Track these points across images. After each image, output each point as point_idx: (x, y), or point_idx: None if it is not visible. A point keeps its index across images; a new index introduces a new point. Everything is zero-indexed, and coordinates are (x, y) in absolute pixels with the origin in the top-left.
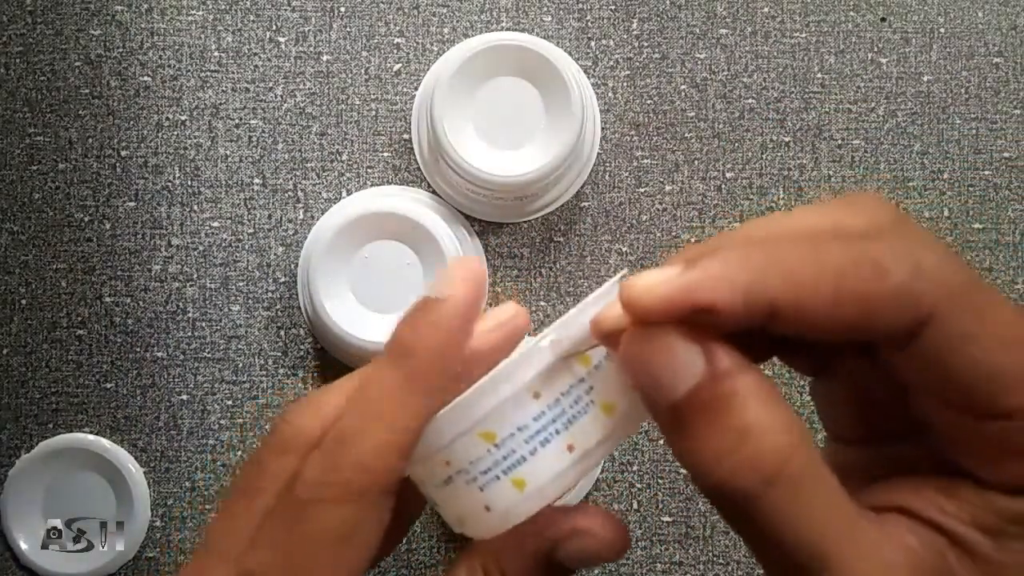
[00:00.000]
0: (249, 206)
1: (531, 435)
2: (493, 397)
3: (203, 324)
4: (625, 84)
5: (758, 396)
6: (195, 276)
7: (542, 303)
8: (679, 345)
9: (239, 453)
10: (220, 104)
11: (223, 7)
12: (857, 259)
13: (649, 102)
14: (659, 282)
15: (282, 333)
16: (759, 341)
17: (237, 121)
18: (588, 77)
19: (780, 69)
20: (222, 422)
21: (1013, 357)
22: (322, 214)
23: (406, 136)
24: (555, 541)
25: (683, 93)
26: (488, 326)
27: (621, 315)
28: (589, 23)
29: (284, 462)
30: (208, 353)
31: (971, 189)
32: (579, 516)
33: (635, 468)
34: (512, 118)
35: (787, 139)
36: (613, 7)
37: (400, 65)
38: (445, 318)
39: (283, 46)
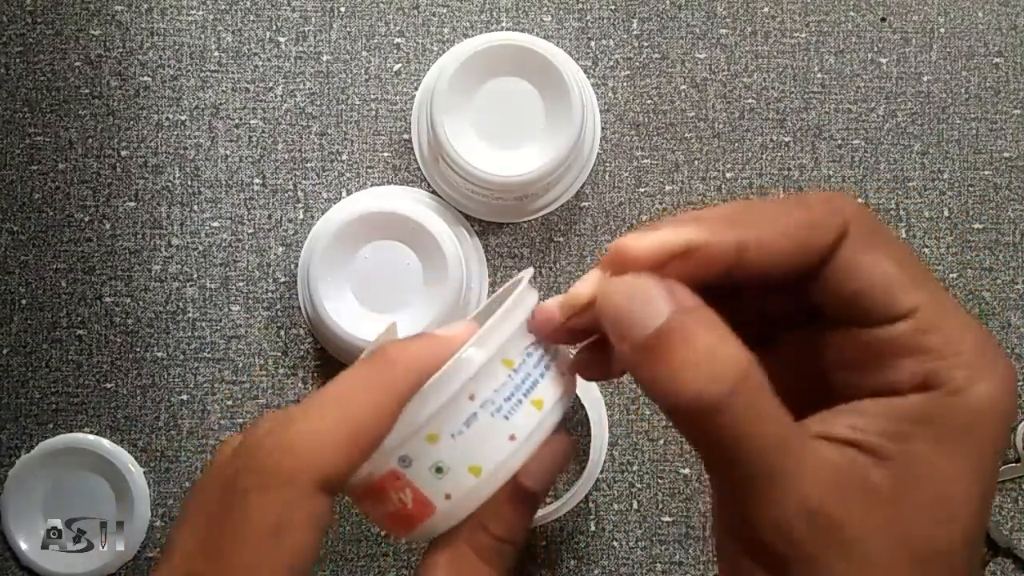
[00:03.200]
0: (249, 206)
1: (536, 361)
2: (506, 328)
3: (203, 324)
4: (625, 84)
5: (717, 326)
6: (195, 276)
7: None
8: (652, 286)
9: None
10: (220, 104)
11: (223, 7)
12: (787, 203)
13: (649, 102)
14: (646, 235)
15: (282, 333)
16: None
17: (237, 121)
18: (588, 77)
19: (780, 69)
20: (222, 422)
21: (905, 269)
22: (322, 214)
23: (406, 136)
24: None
25: (683, 93)
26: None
27: (595, 284)
28: (589, 23)
29: (281, 499)
30: (208, 353)
31: (971, 189)
32: None
33: (635, 468)
34: (512, 118)
35: (787, 139)
36: (613, 7)
37: (400, 65)
38: (437, 347)
39: (283, 46)
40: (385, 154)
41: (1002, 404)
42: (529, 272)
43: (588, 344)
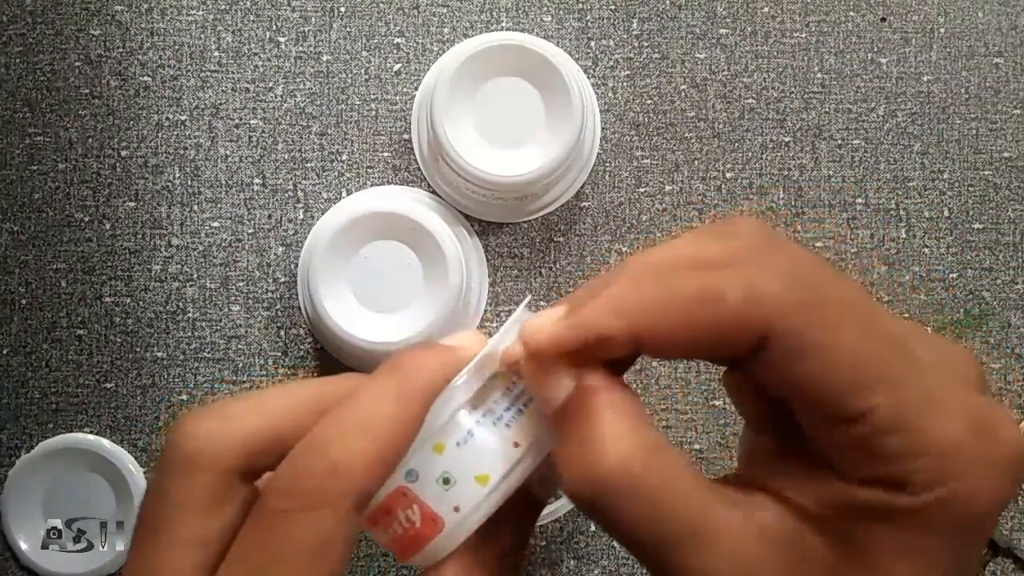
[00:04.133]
0: (249, 206)
1: None
2: (505, 344)
3: (203, 324)
4: (625, 84)
5: (613, 410)
6: (195, 276)
7: (542, 303)
8: (555, 370)
9: None
10: (220, 104)
11: (223, 7)
12: (702, 289)
13: (649, 102)
14: (544, 326)
15: (282, 333)
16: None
17: (237, 121)
18: (588, 77)
19: (780, 69)
20: None
21: (856, 363)
22: (322, 214)
23: (406, 136)
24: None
25: (683, 93)
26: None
27: (519, 350)
28: (589, 23)
29: (195, 483)
30: (208, 353)
31: (971, 189)
32: None
33: None
34: (512, 118)
35: (787, 139)
36: (613, 7)
37: (400, 65)
38: (451, 358)
39: (283, 46)
40: (385, 154)
41: (974, 506)
42: (528, 298)
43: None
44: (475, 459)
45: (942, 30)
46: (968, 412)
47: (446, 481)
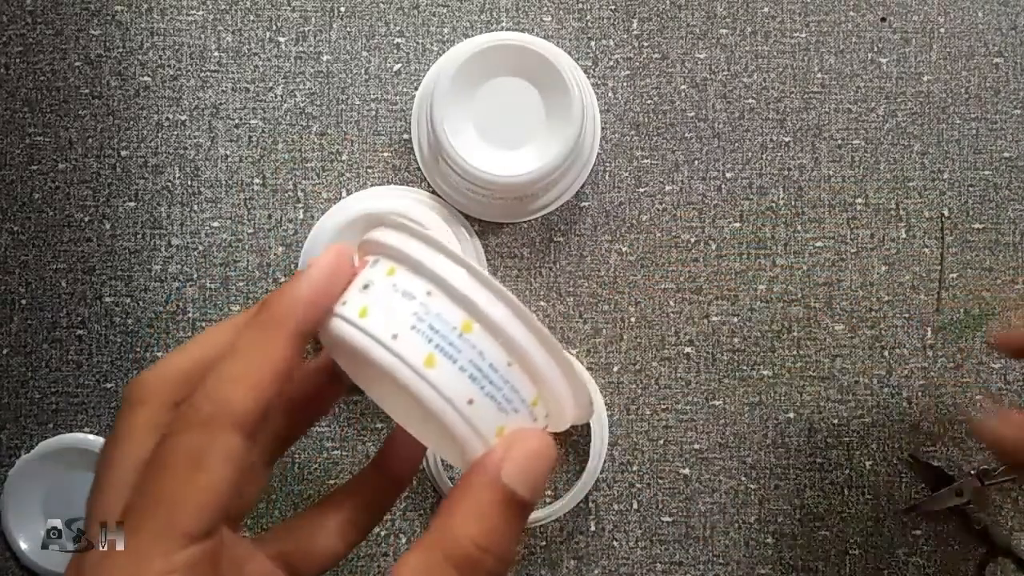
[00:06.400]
0: (249, 206)
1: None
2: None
3: (203, 324)
4: (625, 84)
5: None
6: (195, 276)
7: (542, 303)
8: None
9: None
10: (220, 104)
11: (223, 7)
12: None
13: (649, 102)
14: None
15: None
16: None
17: (237, 121)
18: (588, 77)
19: (780, 69)
20: None
21: None
22: (322, 214)
23: (406, 136)
24: (498, 464)
25: (683, 93)
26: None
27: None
28: (589, 23)
29: (136, 415)
30: None
31: (971, 189)
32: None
33: (635, 468)
34: (512, 118)
35: (787, 139)
36: (613, 7)
37: (400, 65)
38: (304, 281)
39: (283, 46)
40: (385, 154)
41: None
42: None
43: None
44: (380, 299)
45: (942, 30)
46: None
47: (365, 287)
